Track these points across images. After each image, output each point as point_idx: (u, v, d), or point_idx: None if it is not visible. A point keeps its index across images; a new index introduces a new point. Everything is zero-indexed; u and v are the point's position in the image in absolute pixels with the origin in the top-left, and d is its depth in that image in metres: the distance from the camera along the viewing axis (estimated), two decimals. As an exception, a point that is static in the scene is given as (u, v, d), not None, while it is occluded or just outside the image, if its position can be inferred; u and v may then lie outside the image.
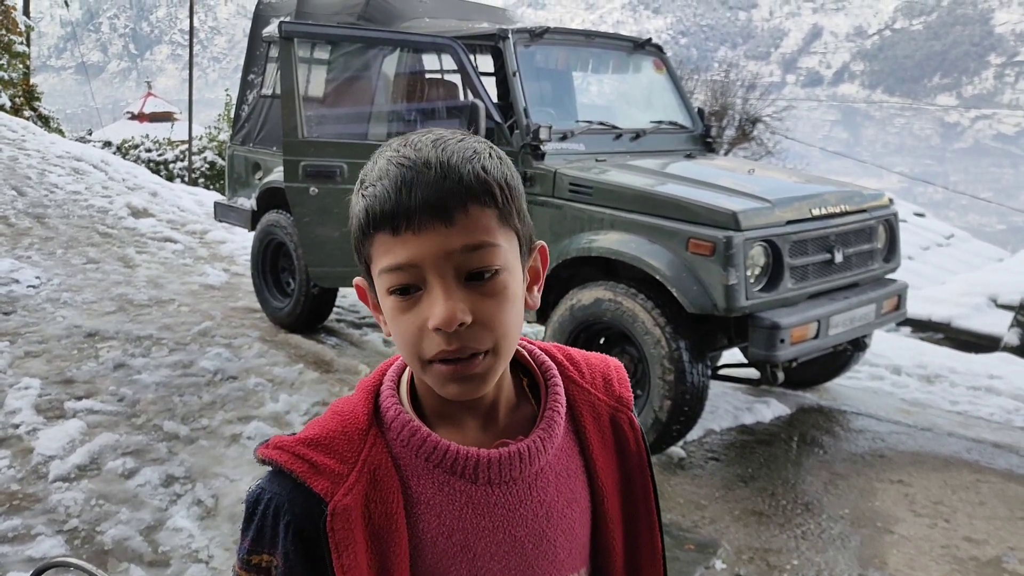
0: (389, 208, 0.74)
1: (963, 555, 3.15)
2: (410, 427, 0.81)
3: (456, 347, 0.75)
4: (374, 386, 0.86)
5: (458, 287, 0.75)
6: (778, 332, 3.53)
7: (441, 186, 0.73)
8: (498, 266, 0.76)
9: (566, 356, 0.93)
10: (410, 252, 0.74)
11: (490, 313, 0.76)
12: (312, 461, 0.79)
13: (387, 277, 0.76)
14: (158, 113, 30.88)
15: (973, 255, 16.95)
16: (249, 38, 5.96)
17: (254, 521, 0.80)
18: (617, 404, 0.92)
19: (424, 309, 0.75)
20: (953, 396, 5.12)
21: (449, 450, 0.80)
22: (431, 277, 0.74)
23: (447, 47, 4.40)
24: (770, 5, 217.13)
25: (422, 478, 0.81)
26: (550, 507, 0.85)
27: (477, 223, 0.75)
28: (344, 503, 0.77)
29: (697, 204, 3.65)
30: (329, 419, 0.84)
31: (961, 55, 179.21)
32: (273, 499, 0.79)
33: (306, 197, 4.50)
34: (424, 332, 0.75)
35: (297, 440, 0.81)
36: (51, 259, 6.65)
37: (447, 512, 0.81)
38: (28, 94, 14.56)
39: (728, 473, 3.81)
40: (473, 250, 0.75)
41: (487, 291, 0.76)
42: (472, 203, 0.75)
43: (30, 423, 3.77)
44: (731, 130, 19.08)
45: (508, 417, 0.86)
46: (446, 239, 0.74)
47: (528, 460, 0.83)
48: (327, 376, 4.61)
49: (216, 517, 3.14)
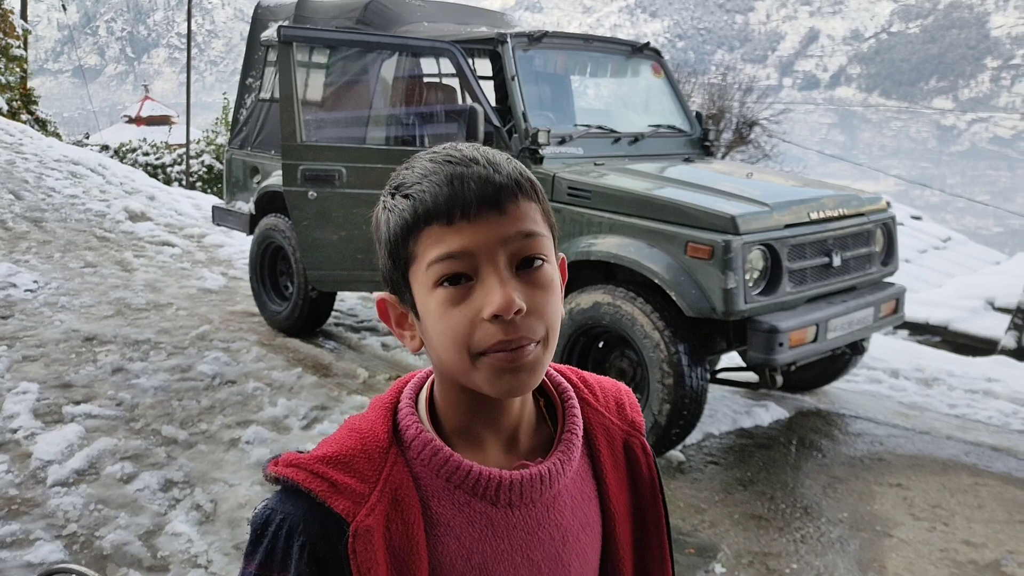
0: (443, 200, 0.74)
1: (962, 558, 3.15)
2: (432, 447, 0.80)
3: (514, 335, 0.74)
4: (391, 404, 0.84)
5: (511, 276, 0.75)
6: (777, 336, 3.53)
7: (492, 179, 0.75)
8: (545, 256, 0.78)
9: (580, 379, 0.93)
10: (465, 240, 0.74)
11: (541, 302, 0.76)
12: (332, 480, 0.76)
13: (438, 267, 0.75)
14: (155, 117, 30.91)
15: (970, 258, 16.98)
16: (247, 42, 5.96)
17: (263, 543, 0.77)
18: (630, 429, 0.92)
19: (477, 299, 0.74)
20: (951, 399, 5.13)
21: (472, 471, 0.79)
22: (485, 266, 0.74)
23: (446, 51, 4.41)
24: (767, 8, 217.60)
25: (442, 499, 0.80)
26: (566, 530, 0.84)
27: (527, 214, 0.76)
28: (366, 524, 0.75)
29: (696, 208, 3.65)
30: (346, 436, 0.81)
31: (957, 58, 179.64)
32: (287, 520, 0.76)
33: (305, 201, 4.50)
34: (476, 323, 0.74)
35: (314, 458, 0.78)
36: (49, 263, 6.64)
37: (467, 534, 0.79)
38: (25, 98, 14.54)
39: (727, 477, 3.81)
40: (525, 237, 0.76)
41: (537, 280, 0.77)
42: (521, 195, 0.77)
43: (28, 428, 3.76)
44: (728, 133, 19.11)
45: (527, 439, 0.85)
46: (501, 226, 0.75)
47: (548, 483, 0.82)
48: (326, 380, 4.61)
49: (215, 522, 3.14)
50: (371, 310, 6.28)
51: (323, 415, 4.12)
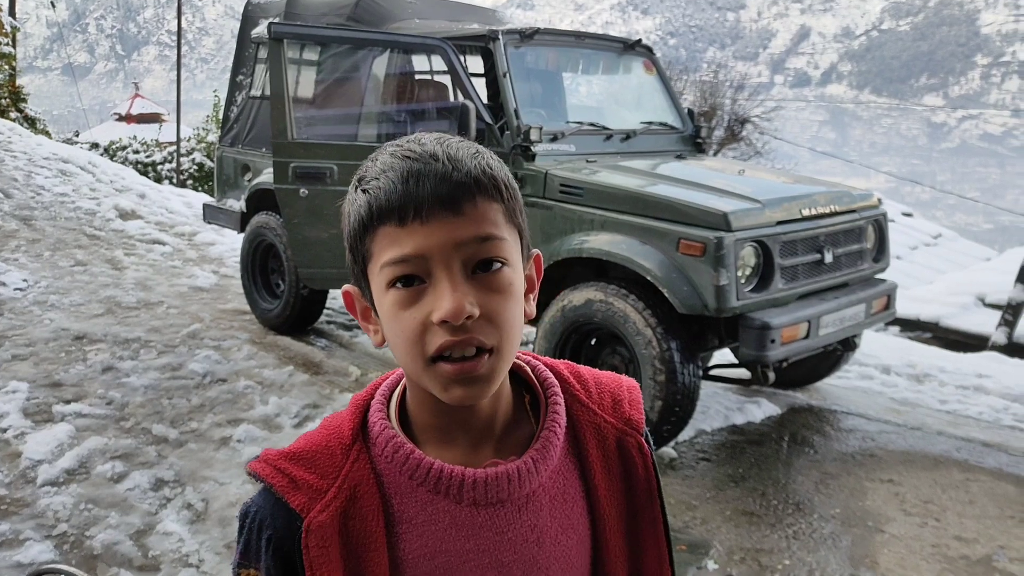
0: (396, 199, 0.72)
1: (953, 554, 3.17)
2: (394, 443, 0.79)
3: (462, 337, 0.72)
4: (364, 401, 0.84)
5: (464, 279, 0.72)
6: (769, 332, 3.53)
7: (450, 178, 0.72)
8: (504, 259, 0.75)
9: (573, 373, 0.89)
10: (417, 242, 0.71)
11: (496, 307, 0.73)
12: (291, 475, 0.78)
13: (390, 270, 0.73)
14: (146, 114, 30.75)
15: (961, 254, 17.04)
16: (238, 39, 5.93)
17: (243, 534, 0.80)
18: (625, 427, 0.87)
19: (428, 303, 0.72)
20: (942, 395, 5.14)
21: (433, 468, 0.78)
22: (437, 269, 0.72)
23: (437, 48, 4.40)
24: (758, 6, 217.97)
25: (406, 496, 0.78)
26: (542, 532, 0.80)
27: (485, 215, 0.73)
28: (320, 520, 0.75)
29: (688, 205, 3.65)
30: (316, 433, 0.82)
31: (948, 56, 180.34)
32: (258, 512, 0.79)
33: (296, 199, 4.49)
34: (427, 327, 0.72)
35: (281, 454, 0.80)
36: (38, 261, 6.60)
37: (430, 533, 0.78)
38: (14, 96, 14.44)
39: (719, 473, 3.82)
40: (482, 241, 0.73)
41: (494, 285, 0.74)
42: (480, 195, 0.73)
43: (18, 427, 3.74)
44: (720, 131, 19.13)
45: (505, 435, 0.82)
46: (455, 229, 0.72)
47: (518, 482, 0.79)
48: (317, 378, 4.59)
49: (206, 521, 3.12)
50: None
51: (315, 413, 4.10)
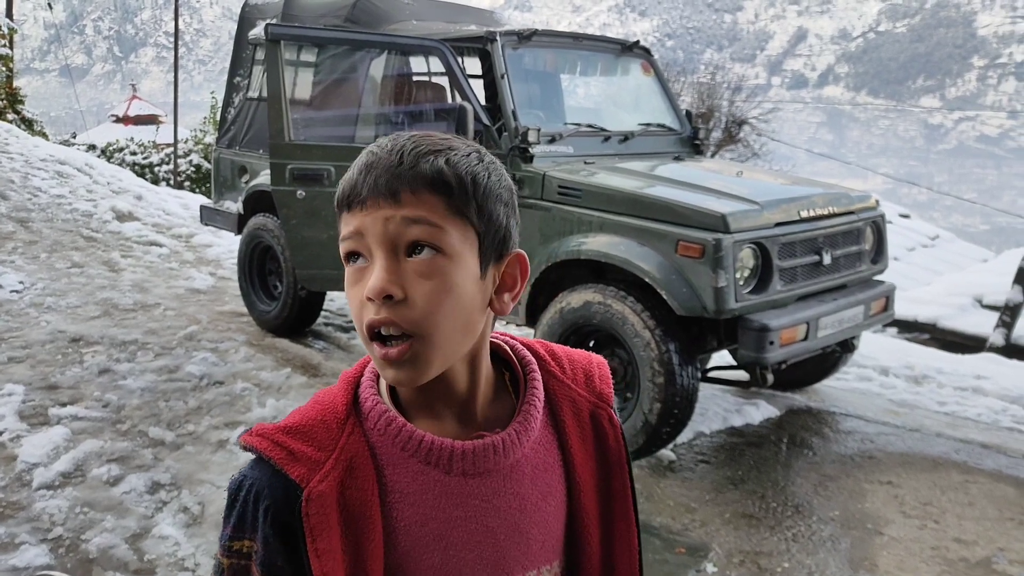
0: (348, 188, 0.80)
1: (953, 556, 3.16)
2: (386, 417, 0.83)
3: (382, 318, 0.76)
4: (355, 377, 0.88)
5: (396, 262, 0.77)
6: (767, 334, 3.52)
7: (395, 170, 0.78)
8: (436, 245, 0.77)
9: (548, 351, 0.95)
10: (358, 222, 0.78)
11: (421, 294, 0.77)
12: (290, 448, 0.80)
13: (343, 246, 0.80)
14: (143, 116, 30.72)
15: (958, 256, 17.07)
16: (235, 40, 5.92)
17: (236, 507, 0.81)
18: (597, 400, 0.93)
19: (366, 280, 0.78)
20: (941, 397, 5.14)
21: (424, 440, 0.82)
22: (373, 248, 0.78)
23: (435, 49, 4.39)
24: (755, 8, 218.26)
25: (398, 467, 0.82)
26: (524, 499, 0.86)
27: (422, 203, 0.77)
28: (319, 489, 0.78)
29: (686, 206, 3.64)
30: (310, 408, 0.85)
31: (944, 57, 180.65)
32: (254, 484, 0.80)
33: (293, 200, 4.47)
34: (363, 304, 0.78)
35: (277, 428, 0.82)
36: (35, 263, 6.58)
37: (421, 501, 0.82)
38: (11, 97, 14.40)
39: (718, 476, 3.81)
40: (412, 223, 0.77)
41: (422, 269, 0.77)
42: (421, 187, 0.78)
43: (13, 430, 3.72)
44: (718, 132, 19.14)
45: (487, 410, 0.87)
46: (388, 211, 0.77)
47: (503, 452, 0.84)
48: (315, 380, 4.58)
49: (202, 524, 3.11)
50: (361, 310, 6.25)
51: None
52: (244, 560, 0.81)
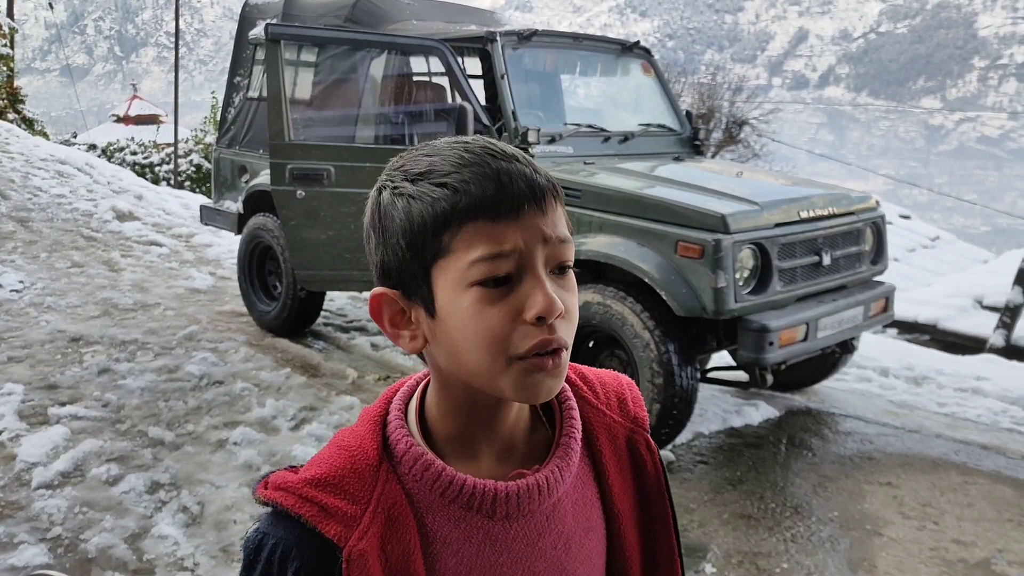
0: (491, 194, 0.71)
1: (952, 557, 3.16)
2: (423, 461, 0.76)
3: (552, 337, 0.72)
4: (380, 416, 0.81)
5: (548, 277, 0.73)
6: (767, 335, 3.52)
7: (535, 179, 0.73)
8: (571, 261, 0.76)
9: (579, 375, 0.89)
10: (514, 239, 0.71)
11: (572, 307, 0.75)
12: (321, 504, 0.73)
13: (483, 266, 0.71)
14: (144, 116, 30.71)
15: (958, 257, 17.06)
16: (235, 40, 5.92)
17: (257, 568, 0.74)
18: (633, 425, 0.89)
19: (518, 299, 0.71)
20: (940, 398, 5.14)
21: (466, 484, 0.76)
22: (528, 265, 0.72)
23: (435, 49, 4.39)
24: (756, 8, 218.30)
25: (438, 514, 0.77)
26: (568, 538, 0.81)
27: (561, 218, 0.75)
28: (360, 548, 0.72)
29: (686, 207, 3.64)
30: (335, 455, 0.78)
31: (945, 58, 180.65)
32: (279, 544, 0.73)
33: (293, 200, 4.47)
34: (516, 325, 0.71)
35: (303, 481, 0.75)
36: (35, 263, 6.58)
37: (465, 549, 0.77)
38: (12, 97, 14.41)
39: (717, 476, 3.81)
40: (562, 242, 0.74)
41: (567, 285, 0.75)
42: (556, 198, 0.75)
43: (13, 429, 3.72)
44: (718, 133, 19.14)
45: (524, 444, 0.82)
46: (544, 228, 0.73)
47: (547, 492, 0.79)
48: (314, 380, 4.58)
49: (202, 524, 3.11)
50: (361, 310, 6.25)
51: (312, 416, 4.09)
52: None
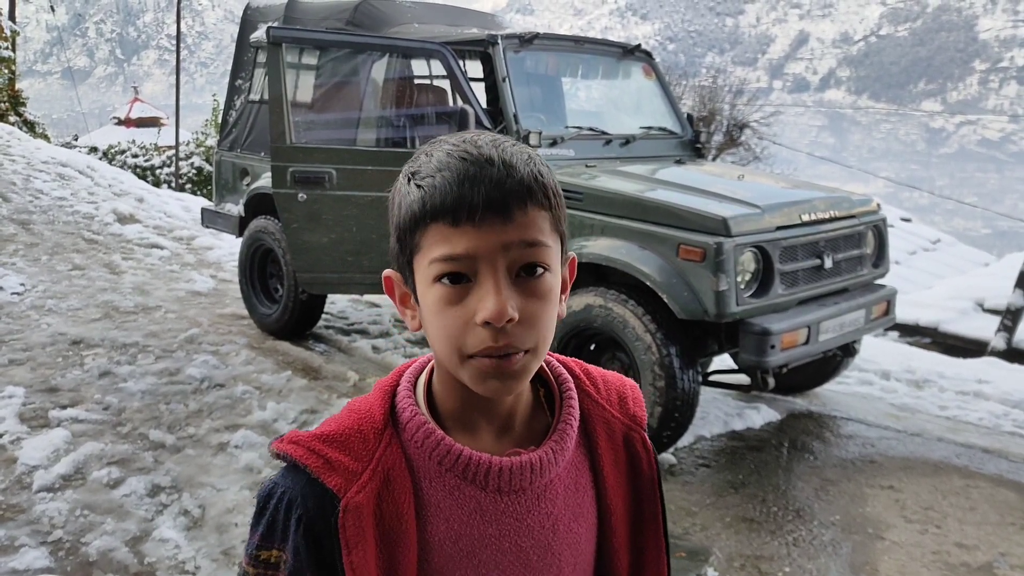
0: (451, 200, 0.74)
1: (954, 561, 3.15)
2: (425, 429, 0.81)
3: (502, 344, 0.74)
4: (391, 387, 0.86)
5: (508, 283, 0.75)
6: (768, 338, 3.52)
7: (503, 184, 0.74)
8: (547, 266, 0.77)
9: (583, 371, 0.93)
10: (467, 243, 0.74)
11: (535, 313, 0.76)
12: (327, 457, 0.79)
13: (438, 266, 0.75)
14: (145, 118, 30.72)
15: (959, 260, 17.06)
16: (237, 43, 5.93)
17: (265, 515, 0.79)
18: (631, 423, 0.92)
19: (472, 302, 0.75)
20: (942, 401, 5.13)
21: (462, 455, 0.80)
22: (484, 270, 0.75)
23: (436, 53, 4.39)
24: (757, 11, 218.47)
25: (434, 481, 0.81)
26: (557, 520, 0.84)
27: (534, 222, 0.76)
28: (356, 500, 0.77)
29: (687, 210, 3.64)
30: (345, 417, 0.83)
31: (946, 61, 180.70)
32: (286, 493, 0.79)
33: (294, 203, 4.47)
34: (469, 326, 0.75)
35: (313, 436, 0.81)
36: (36, 265, 6.59)
37: (456, 517, 0.81)
38: (13, 99, 14.43)
39: (719, 480, 3.80)
40: (528, 246, 0.75)
41: (535, 290, 0.77)
42: (531, 203, 0.76)
43: (14, 432, 3.72)
44: (719, 136, 19.14)
45: (523, 427, 0.86)
46: (504, 233, 0.74)
47: (539, 471, 0.83)
48: (315, 383, 4.58)
49: (203, 527, 3.10)
50: (362, 313, 6.25)
51: (313, 418, 4.09)
52: (271, 570, 0.79)
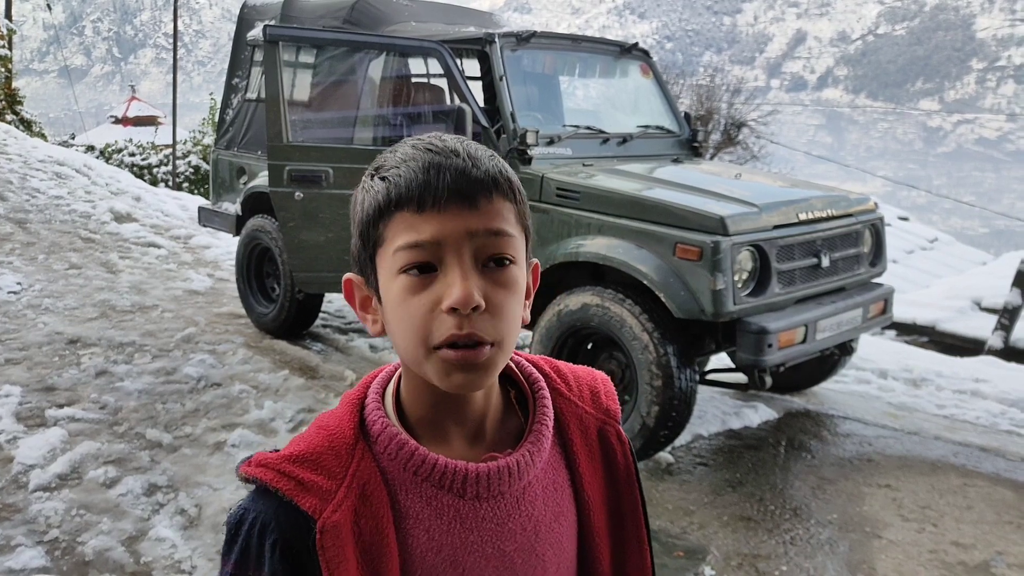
0: (416, 187, 0.74)
1: (951, 559, 3.15)
2: (397, 440, 0.80)
3: (467, 331, 0.74)
4: (359, 399, 0.84)
5: (475, 271, 0.75)
6: (766, 337, 3.52)
7: (468, 173, 0.75)
8: (512, 256, 0.77)
9: (553, 368, 0.92)
10: (433, 229, 0.74)
11: (501, 302, 0.76)
12: (298, 478, 0.77)
13: (404, 254, 0.75)
14: (142, 117, 30.71)
15: (957, 259, 17.07)
16: (234, 42, 5.92)
17: (238, 542, 0.77)
18: (604, 417, 0.92)
19: (438, 290, 0.74)
20: (939, 400, 5.13)
21: (437, 464, 0.79)
22: (450, 257, 0.74)
23: (433, 51, 4.38)
24: (755, 10, 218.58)
25: (410, 492, 0.80)
26: (538, 522, 0.84)
27: (499, 212, 0.76)
28: (333, 520, 0.76)
29: (685, 209, 3.64)
30: (314, 434, 0.82)
31: (943, 60, 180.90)
32: (258, 518, 0.77)
33: (291, 202, 4.47)
34: (435, 315, 0.74)
35: (282, 457, 0.79)
36: (32, 264, 6.57)
37: (435, 527, 0.80)
38: (10, 98, 14.40)
39: (716, 478, 3.80)
40: (494, 235, 0.76)
41: (501, 280, 0.76)
42: (496, 192, 0.76)
43: (10, 431, 3.71)
44: (717, 135, 19.16)
45: (495, 430, 0.85)
46: (469, 220, 0.74)
47: (517, 475, 0.82)
48: (312, 382, 4.57)
49: (199, 527, 3.10)
50: (359, 312, 6.24)
51: (310, 418, 4.08)
52: None
